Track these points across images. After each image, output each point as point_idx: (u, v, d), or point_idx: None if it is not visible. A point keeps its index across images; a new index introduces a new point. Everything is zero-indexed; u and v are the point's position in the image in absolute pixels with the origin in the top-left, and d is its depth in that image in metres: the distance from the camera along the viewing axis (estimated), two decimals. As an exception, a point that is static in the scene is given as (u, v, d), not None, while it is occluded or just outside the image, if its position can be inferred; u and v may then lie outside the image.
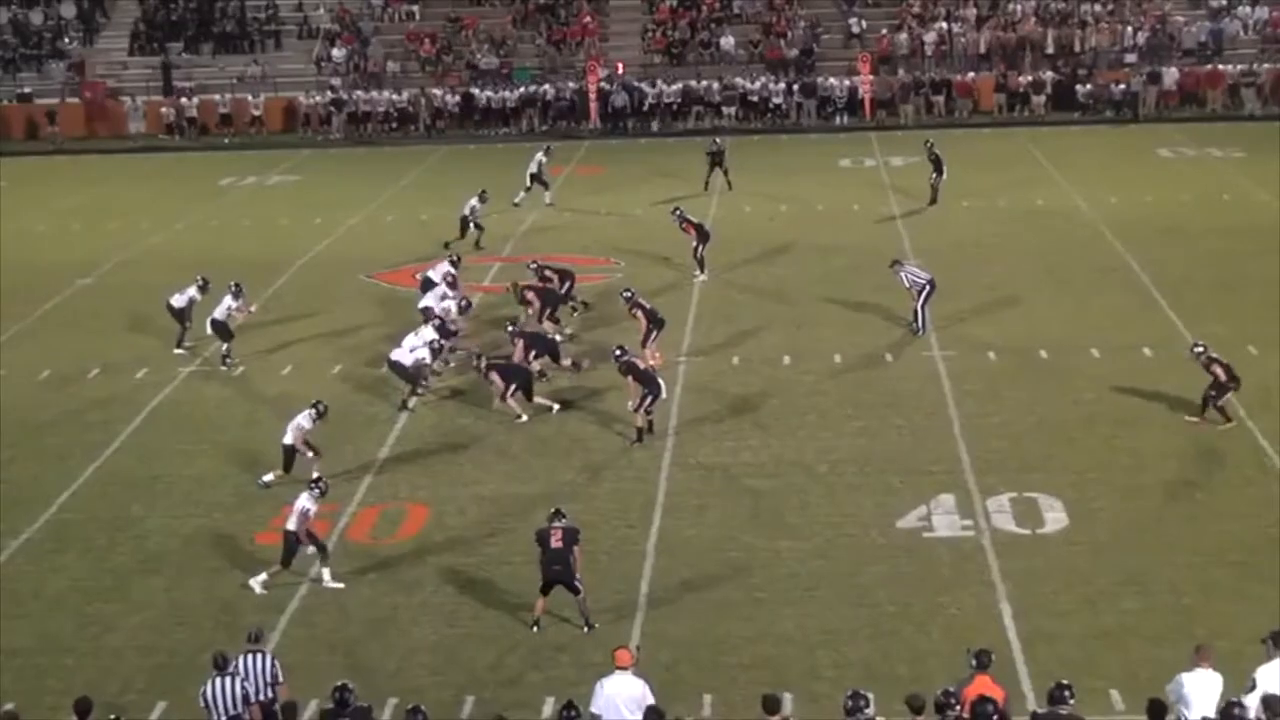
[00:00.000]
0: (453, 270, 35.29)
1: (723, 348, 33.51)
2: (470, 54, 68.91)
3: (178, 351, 34.51)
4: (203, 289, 34.75)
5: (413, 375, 30.79)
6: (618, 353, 28.96)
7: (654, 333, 32.00)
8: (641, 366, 28.66)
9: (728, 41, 68.09)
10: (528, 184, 48.63)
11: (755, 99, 65.05)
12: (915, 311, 33.93)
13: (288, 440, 26.69)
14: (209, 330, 33.74)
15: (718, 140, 51.82)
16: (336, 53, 69.26)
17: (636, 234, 44.76)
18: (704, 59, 67.98)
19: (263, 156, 61.59)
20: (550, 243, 43.82)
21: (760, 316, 35.81)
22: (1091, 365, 31.55)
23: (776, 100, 64.86)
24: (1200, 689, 16.53)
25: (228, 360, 33.61)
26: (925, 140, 48.41)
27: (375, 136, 65.70)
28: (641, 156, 59.39)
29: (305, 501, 22.93)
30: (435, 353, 31.27)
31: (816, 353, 32.96)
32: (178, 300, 34.72)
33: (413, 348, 30.99)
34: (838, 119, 64.41)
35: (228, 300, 33.72)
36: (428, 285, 34.98)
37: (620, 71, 66.70)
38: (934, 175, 46.87)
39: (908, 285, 33.94)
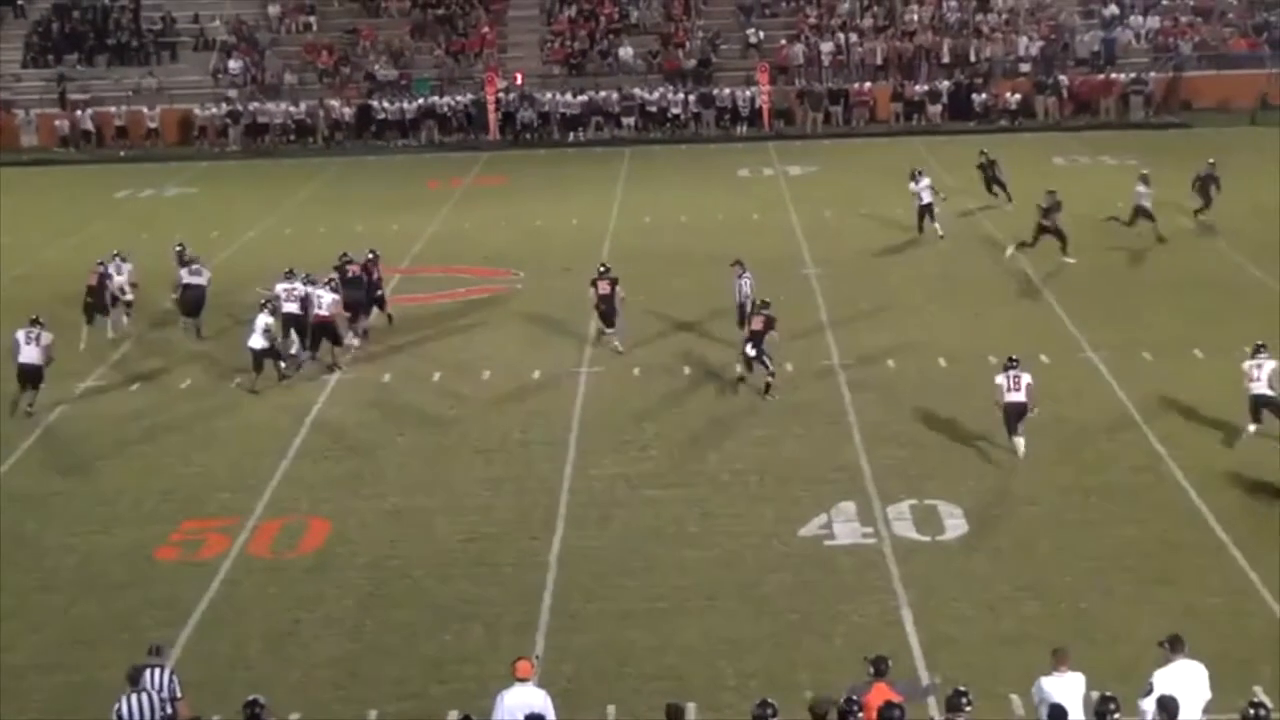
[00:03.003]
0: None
1: (623, 358, 33.55)
2: (368, 65, 68.68)
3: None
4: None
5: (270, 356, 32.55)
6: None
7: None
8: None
9: (626, 52, 68.22)
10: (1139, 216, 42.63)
11: (654, 109, 65.17)
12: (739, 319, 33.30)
13: None
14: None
15: (984, 151, 48.92)
16: (233, 64, 68.85)
17: (537, 245, 44.75)
18: (603, 69, 68.03)
19: (159, 169, 61.03)
20: (450, 253, 43.75)
21: (659, 326, 35.87)
22: (991, 373, 31.67)
23: (675, 110, 65.00)
24: (1063, 692, 16.71)
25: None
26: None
27: (273, 148, 65.27)
28: (541, 167, 59.34)
29: None
30: (267, 333, 32.36)
31: (715, 362, 33.04)
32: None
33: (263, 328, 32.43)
34: (737, 129, 64.66)
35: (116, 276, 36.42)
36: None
37: (519, 82, 66.69)
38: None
39: (741, 295, 33.44)
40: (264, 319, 32.44)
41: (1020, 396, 27.16)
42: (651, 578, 23.05)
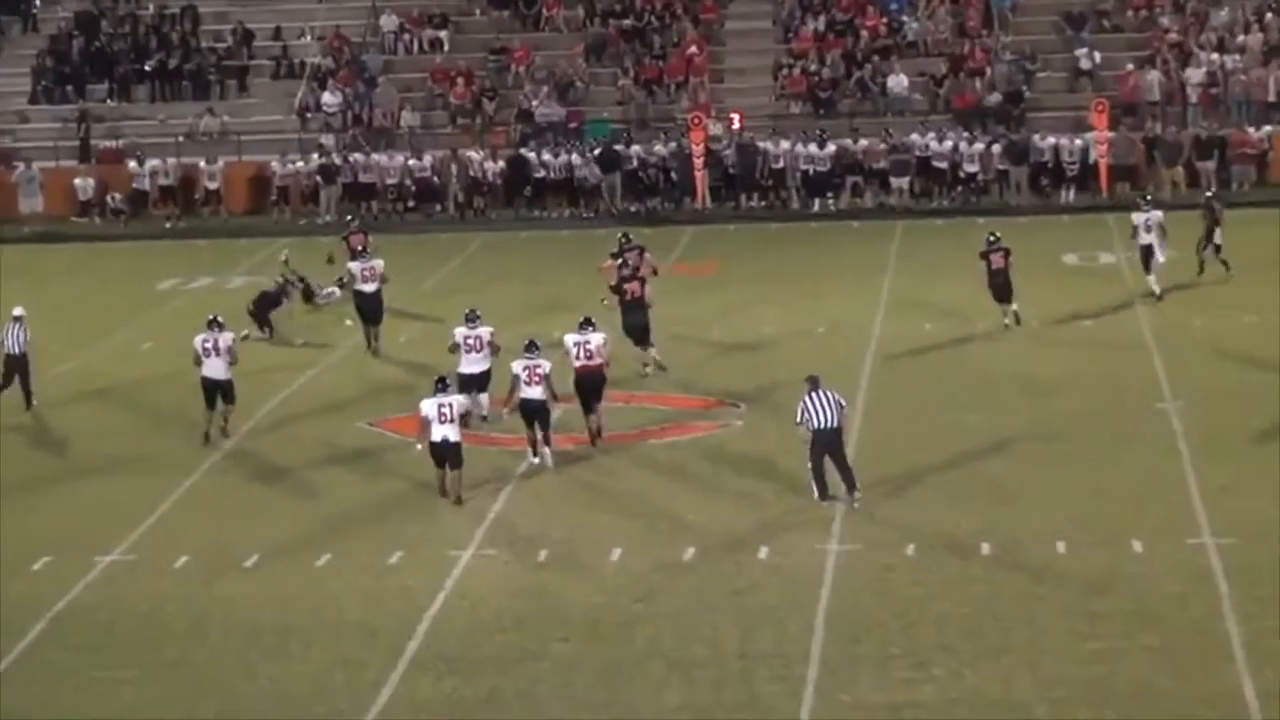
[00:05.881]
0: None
1: (892, 530, 33.39)
2: (522, 99, 69.27)
3: None
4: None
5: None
6: None
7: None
8: None
9: (898, 82, 68.34)
10: None
11: (940, 165, 65.41)
12: (809, 470, 34.59)
13: None
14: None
15: (1210, 192, 50.81)
16: (329, 98, 70.00)
17: (764, 364, 44.58)
18: (864, 108, 68.13)
19: (221, 248, 61.99)
20: (638, 374, 44.11)
21: (945, 484, 35.71)
22: None
23: (970, 167, 65.18)
24: None
25: None
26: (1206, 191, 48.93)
27: (383, 219, 66.16)
28: (771, 248, 59.63)
29: None
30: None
31: (1029, 539, 32.68)
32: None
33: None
34: (1061, 194, 64.46)
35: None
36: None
37: (738, 126, 66.87)
38: (1203, 242, 48.11)
39: (798, 419, 34.42)
40: (460, 401, 35.76)
41: None
42: None
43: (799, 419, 34.19)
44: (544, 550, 33.34)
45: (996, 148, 65.30)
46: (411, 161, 67.08)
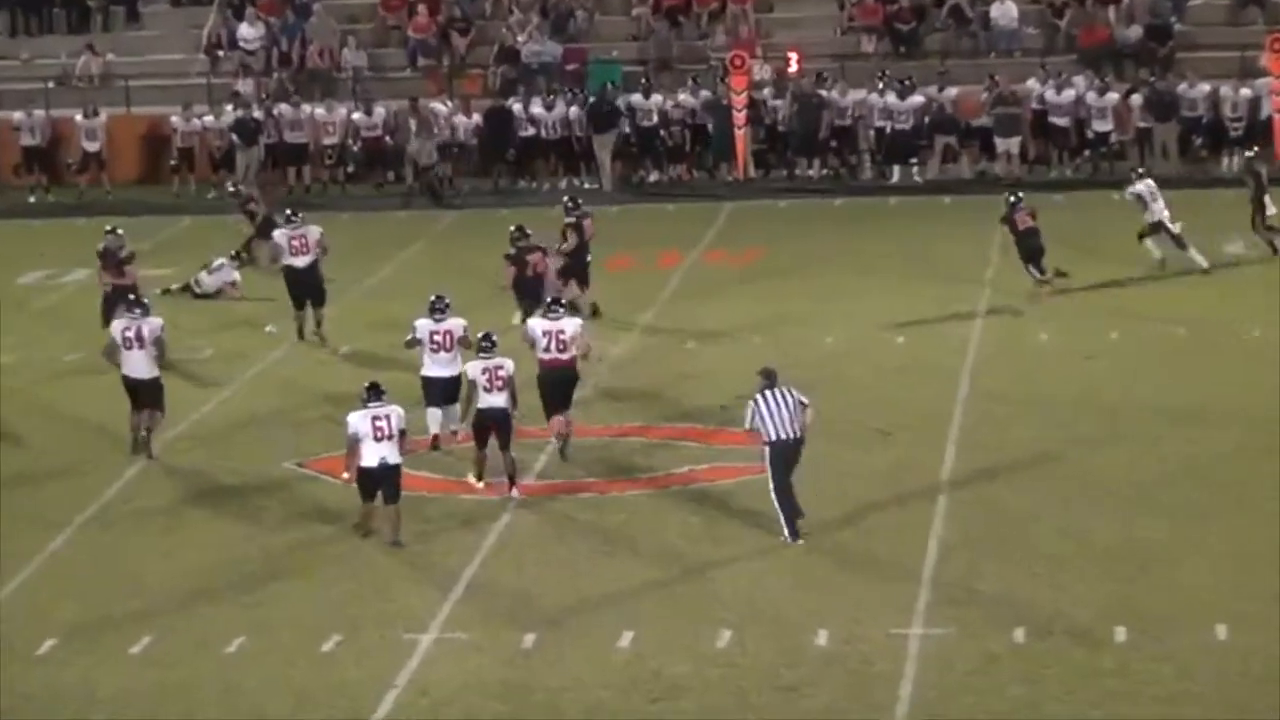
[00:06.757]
0: None
1: (995, 608, 32.71)
2: (505, 34, 68.97)
3: None
4: None
5: None
6: None
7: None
8: None
9: (1004, 11, 67.98)
10: None
11: (1061, 122, 65.21)
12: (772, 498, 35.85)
13: None
14: None
15: (1252, 152, 52.29)
16: (247, 31, 69.77)
17: (823, 385, 43.75)
18: (959, 46, 67.85)
19: (102, 230, 61.44)
20: (652, 400, 44.41)
21: (1065, 546, 35.06)
22: None
23: (1101, 125, 65.02)
24: None
25: None
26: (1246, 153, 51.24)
27: (316, 193, 66.43)
28: (835, 229, 59.85)
29: None
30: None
31: (1178, 621, 31.90)
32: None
33: None
34: (1221, 160, 64.32)
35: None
36: None
37: (794, 70, 66.57)
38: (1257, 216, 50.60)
39: (748, 423, 36.12)
40: (399, 413, 35.74)
41: None
42: None
43: (749, 422, 35.60)
44: (531, 632, 32.76)
45: (1136, 99, 65.20)
46: (357, 115, 67.20)
